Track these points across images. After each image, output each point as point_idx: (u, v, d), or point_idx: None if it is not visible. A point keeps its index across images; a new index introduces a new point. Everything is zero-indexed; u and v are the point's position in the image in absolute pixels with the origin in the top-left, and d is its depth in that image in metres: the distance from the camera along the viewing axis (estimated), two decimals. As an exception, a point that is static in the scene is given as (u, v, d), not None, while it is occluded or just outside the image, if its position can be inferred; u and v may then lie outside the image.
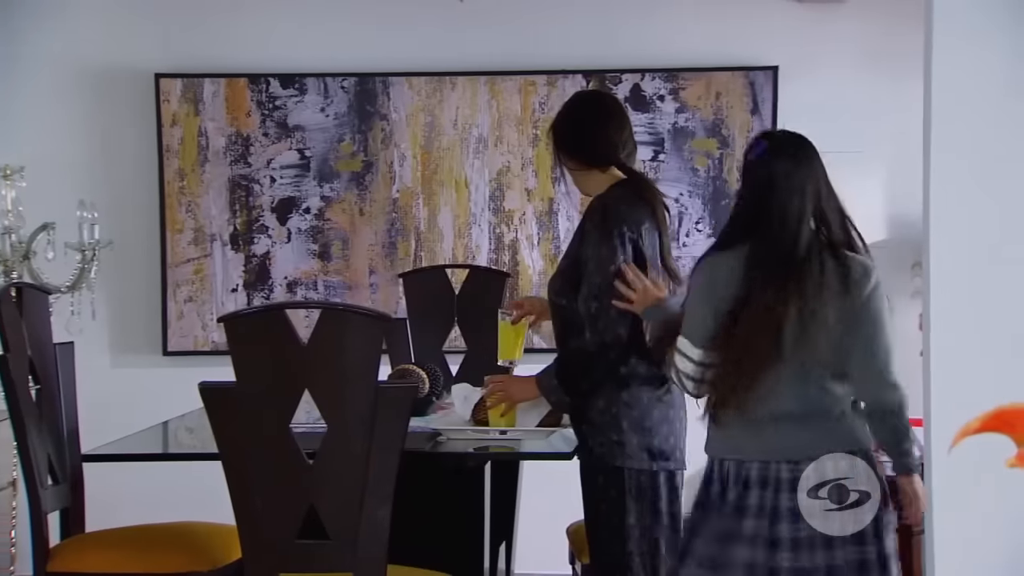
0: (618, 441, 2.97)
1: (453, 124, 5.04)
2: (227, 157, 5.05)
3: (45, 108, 5.06)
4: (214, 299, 5.05)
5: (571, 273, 3.03)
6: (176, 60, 5.05)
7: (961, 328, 2.85)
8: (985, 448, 1.41)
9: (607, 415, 2.98)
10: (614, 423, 2.98)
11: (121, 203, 5.04)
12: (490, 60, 5.03)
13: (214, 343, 5.01)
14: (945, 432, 2.79)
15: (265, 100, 5.04)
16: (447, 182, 5.05)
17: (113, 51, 5.06)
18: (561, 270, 3.13)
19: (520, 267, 5.03)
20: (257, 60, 5.06)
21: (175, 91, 5.04)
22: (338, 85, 5.03)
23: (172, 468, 4.08)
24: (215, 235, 5.06)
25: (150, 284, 5.07)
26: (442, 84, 5.04)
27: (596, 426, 3.00)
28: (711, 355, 2.58)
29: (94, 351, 4.92)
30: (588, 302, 2.95)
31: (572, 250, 3.09)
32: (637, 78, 5.00)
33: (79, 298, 4.56)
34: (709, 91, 4.99)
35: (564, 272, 3.09)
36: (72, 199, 4.58)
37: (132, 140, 5.07)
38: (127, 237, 4.99)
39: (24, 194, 4.59)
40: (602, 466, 2.99)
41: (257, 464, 2.73)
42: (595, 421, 3.00)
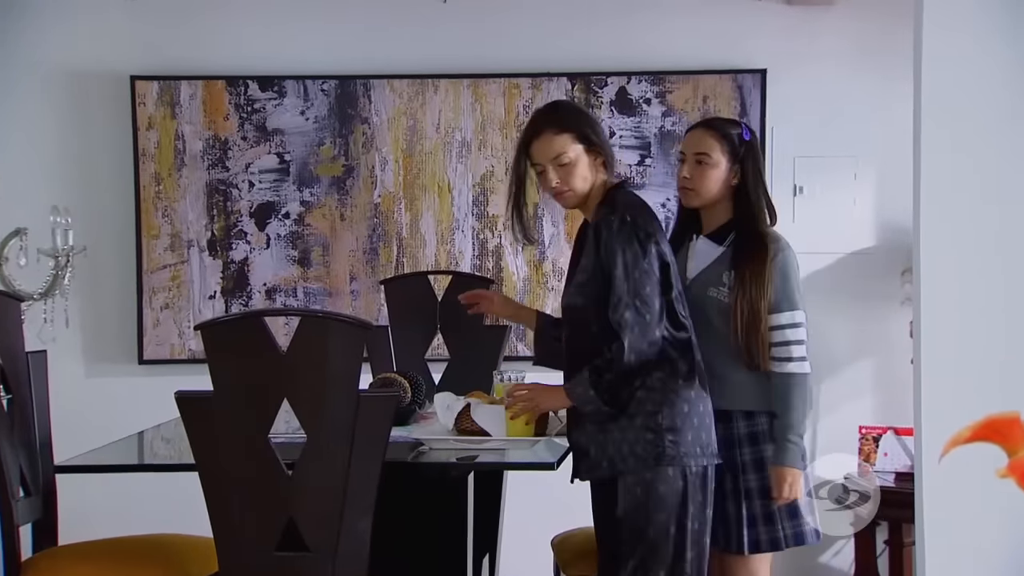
0: (673, 441, 2.94)
1: (436, 127, 5.04)
2: (205, 161, 5.04)
3: (17, 111, 5.04)
4: (191, 306, 5.03)
5: (593, 286, 3.00)
6: (152, 62, 5.04)
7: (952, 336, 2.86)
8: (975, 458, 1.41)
9: (651, 418, 2.96)
10: (662, 424, 2.95)
11: (96, 208, 5.02)
12: (473, 62, 5.04)
13: (191, 351, 5.00)
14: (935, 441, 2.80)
15: (243, 103, 5.04)
16: (430, 187, 5.05)
17: (87, 52, 5.05)
18: (580, 283, 3.05)
19: (504, 273, 5.03)
20: (235, 62, 5.05)
21: (151, 93, 5.02)
22: (318, 88, 5.03)
23: (148, 480, 4.07)
24: (192, 241, 5.05)
25: (125, 291, 5.05)
26: (424, 87, 5.04)
27: (636, 430, 2.97)
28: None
29: (68, 360, 4.91)
30: (621, 311, 2.93)
31: (589, 262, 3.02)
32: (623, 81, 5.01)
33: (52, 305, 4.54)
34: (696, 94, 5.01)
35: (584, 285, 3.03)
36: (45, 204, 4.56)
37: (107, 144, 5.06)
38: (102, 243, 4.98)
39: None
40: (646, 470, 2.95)
41: (235, 475, 2.72)
42: (635, 426, 2.96)
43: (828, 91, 5.01)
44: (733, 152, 3.24)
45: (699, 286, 3.20)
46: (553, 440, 3.25)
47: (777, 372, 3.14)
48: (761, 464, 3.18)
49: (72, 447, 3.38)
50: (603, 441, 3.01)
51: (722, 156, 3.22)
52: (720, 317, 3.16)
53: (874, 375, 5.04)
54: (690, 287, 3.19)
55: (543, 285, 5.03)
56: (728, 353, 3.14)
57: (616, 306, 2.94)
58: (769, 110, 4.97)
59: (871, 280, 5.00)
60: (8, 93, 5.03)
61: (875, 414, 4.96)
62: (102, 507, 4.69)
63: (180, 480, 3.06)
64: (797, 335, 3.16)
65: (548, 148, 3.05)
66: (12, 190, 4.68)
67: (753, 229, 3.22)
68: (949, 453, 1.30)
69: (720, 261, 3.21)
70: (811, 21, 5.02)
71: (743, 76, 4.98)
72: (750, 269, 3.13)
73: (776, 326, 3.15)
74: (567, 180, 3.07)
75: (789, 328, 3.15)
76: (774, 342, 3.15)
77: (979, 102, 2.85)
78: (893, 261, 4.92)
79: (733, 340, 3.13)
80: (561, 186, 3.07)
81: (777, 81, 4.98)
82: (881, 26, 4.93)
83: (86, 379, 5.06)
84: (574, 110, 3.18)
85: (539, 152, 3.07)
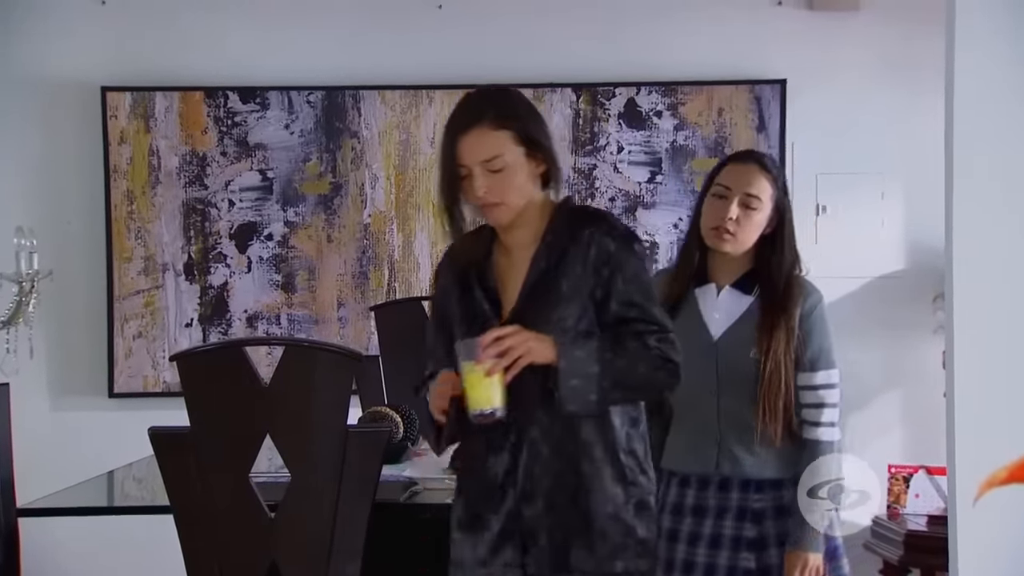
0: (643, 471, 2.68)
1: (431, 141, 5.06)
2: (181, 178, 5.06)
3: (-21, 124, 5.05)
4: (166, 335, 5.04)
5: (583, 302, 2.55)
6: (125, 71, 5.06)
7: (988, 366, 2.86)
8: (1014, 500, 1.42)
9: (640, 443, 2.67)
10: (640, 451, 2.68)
11: (63, 229, 5.03)
12: (471, 71, 5.05)
13: (166, 384, 5.00)
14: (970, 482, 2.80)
15: (223, 116, 5.06)
16: (424, 205, 5.06)
17: (54, 60, 5.07)
18: (566, 298, 2.56)
19: (504, 299, 5.03)
20: (214, 72, 5.07)
21: (123, 105, 5.04)
22: (304, 99, 5.05)
23: (118, 523, 4.06)
24: (167, 264, 5.06)
25: (95, 319, 5.06)
26: (418, 98, 5.06)
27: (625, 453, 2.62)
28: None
29: (31, 392, 4.91)
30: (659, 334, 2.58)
31: (575, 281, 2.56)
32: (632, 92, 5.03)
33: (15, 334, 4.53)
34: (711, 106, 5.02)
35: (572, 300, 2.56)
36: (8, 225, 4.56)
37: (75, 160, 5.07)
38: (69, 267, 4.98)
39: (-45, 219, 4.59)
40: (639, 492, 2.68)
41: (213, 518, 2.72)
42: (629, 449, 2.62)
43: (853, 103, 5.03)
44: (779, 197, 3.04)
45: (734, 345, 2.99)
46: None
47: (807, 438, 2.98)
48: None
49: (36, 487, 3.37)
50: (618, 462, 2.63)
51: (770, 201, 3.02)
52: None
53: (904, 409, 5.04)
54: (719, 345, 3.00)
55: (546, 312, 5.03)
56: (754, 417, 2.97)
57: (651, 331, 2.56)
58: (789, 123, 4.99)
59: (900, 306, 5.00)
60: (-30, 105, 5.04)
61: (905, 452, 4.96)
62: (69, 553, 4.68)
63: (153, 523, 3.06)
64: (832, 397, 3.02)
65: (479, 146, 2.52)
66: (-27, 209, 4.70)
67: (786, 276, 3.02)
68: (985, 495, 1.30)
69: (752, 315, 3.00)
70: (835, 28, 5.04)
71: (761, 87, 5.00)
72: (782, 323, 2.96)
73: (810, 386, 3.00)
74: (498, 190, 2.53)
75: (825, 389, 3.01)
76: (806, 403, 2.99)
77: (1015, 117, 2.85)
78: (924, 286, 4.93)
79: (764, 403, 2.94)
80: (489, 196, 2.53)
81: (798, 92, 5.00)
82: (909, 33, 4.95)
83: (52, 413, 5.06)
84: (519, 101, 2.62)
85: (467, 150, 2.53)
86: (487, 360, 2.41)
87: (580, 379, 2.47)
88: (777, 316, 2.96)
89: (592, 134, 5.04)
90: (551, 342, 2.47)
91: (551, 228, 2.60)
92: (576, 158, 5.04)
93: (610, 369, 2.49)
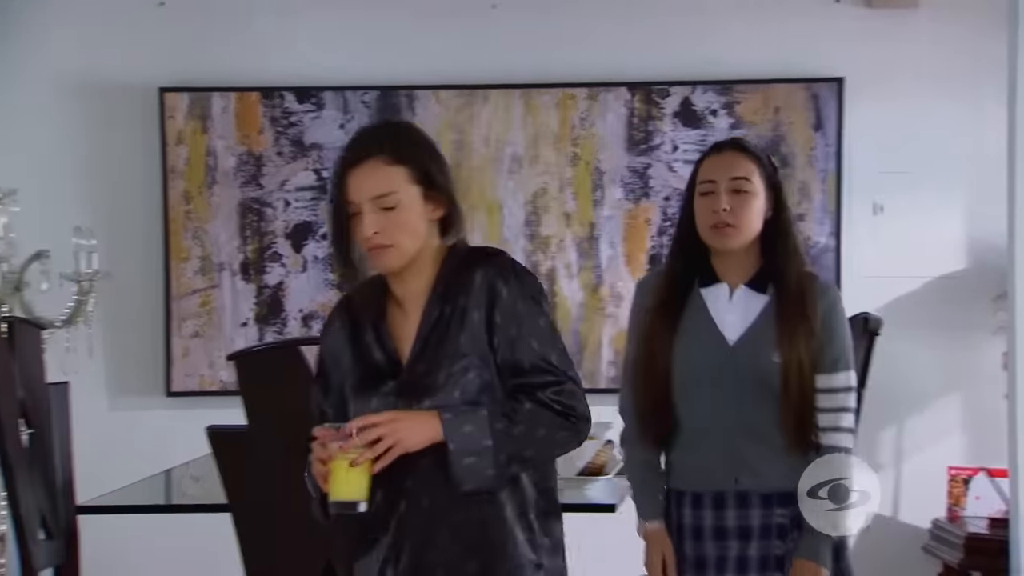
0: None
1: (484, 141, 5.06)
2: (237, 179, 5.09)
3: (40, 125, 5.11)
4: (222, 334, 5.07)
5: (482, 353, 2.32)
6: (182, 73, 5.10)
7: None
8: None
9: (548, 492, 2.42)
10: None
11: (121, 229, 5.08)
12: (525, 71, 5.05)
13: (222, 383, 5.04)
14: (1034, 484, 2.77)
15: (279, 116, 5.08)
16: (478, 205, 5.07)
17: (114, 63, 5.11)
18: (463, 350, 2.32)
19: (558, 299, 5.03)
20: (271, 72, 5.10)
21: (181, 106, 5.09)
22: (359, 99, 5.07)
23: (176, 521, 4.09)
24: (224, 264, 5.10)
25: (152, 318, 5.10)
26: (473, 98, 5.06)
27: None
28: None
29: (91, 392, 4.95)
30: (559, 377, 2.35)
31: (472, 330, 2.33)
32: (688, 91, 5.01)
33: (75, 333, 4.59)
34: (767, 105, 4.99)
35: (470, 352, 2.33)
36: (68, 225, 4.62)
37: (134, 160, 5.12)
38: (127, 267, 5.02)
39: (16, 220, 4.64)
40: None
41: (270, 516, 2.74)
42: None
43: (912, 101, 4.98)
44: (770, 178, 2.83)
45: (753, 348, 2.77)
46: (611, 480, 3.24)
47: (826, 444, 2.77)
48: None
49: (95, 486, 3.41)
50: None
51: (761, 183, 2.80)
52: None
53: (964, 411, 4.98)
54: (737, 349, 2.78)
55: (600, 311, 5.02)
56: (777, 425, 2.77)
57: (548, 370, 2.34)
58: (847, 122, 4.95)
59: (960, 306, 4.95)
60: (30, 106, 5.10)
61: (965, 454, 4.90)
62: (127, 551, 4.73)
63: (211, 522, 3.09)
64: (850, 402, 2.81)
65: (370, 182, 2.31)
66: (34, 210, 4.74)
67: (798, 272, 2.81)
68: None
69: (770, 316, 2.79)
70: (894, 25, 4.99)
71: (818, 85, 4.96)
72: (802, 323, 2.76)
73: (830, 388, 2.78)
74: (389, 231, 2.31)
75: (844, 392, 2.79)
76: (825, 407, 2.78)
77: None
78: (985, 285, 4.87)
79: (786, 410, 2.75)
80: (379, 238, 2.31)
81: (856, 90, 4.95)
82: (970, 29, 4.89)
83: (110, 412, 5.10)
84: (419, 137, 2.42)
85: (357, 186, 2.31)
86: (352, 449, 2.19)
87: (473, 456, 2.24)
88: (798, 315, 2.76)
89: (646, 133, 5.02)
90: (433, 421, 2.24)
91: (442, 276, 2.38)
92: (630, 157, 5.03)
93: (504, 440, 2.25)
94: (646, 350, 2.80)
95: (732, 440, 2.75)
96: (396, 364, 2.35)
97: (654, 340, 2.79)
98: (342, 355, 2.40)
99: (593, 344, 5.03)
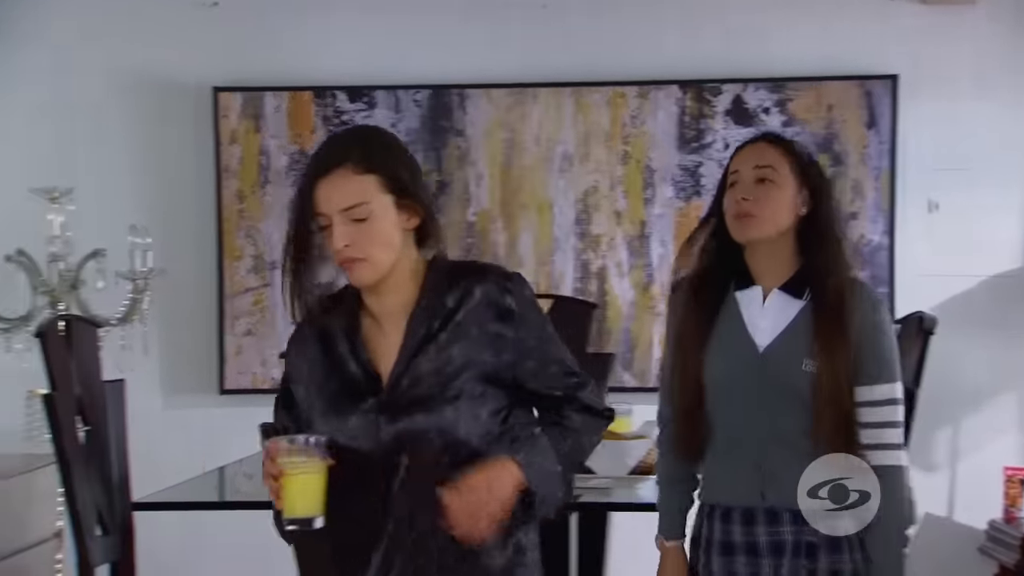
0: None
1: (535, 140, 5.07)
2: (290, 177, 5.12)
3: (95, 125, 5.16)
4: (275, 332, 5.10)
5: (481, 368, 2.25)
6: (235, 72, 5.14)
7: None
8: None
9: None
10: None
11: (175, 228, 5.12)
12: (576, 69, 5.05)
13: (275, 380, 5.07)
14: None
15: (331, 115, 5.11)
16: (528, 204, 5.07)
17: (169, 63, 5.16)
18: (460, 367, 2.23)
19: (608, 298, 5.02)
20: (323, 72, 5.13)
21: (234, 106, 5.13)
22: (410, 98, 5.09)
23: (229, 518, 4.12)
24: (276, 263, 5.12)
25: (206, 316, 5.14)
26: (523, 96, 5.07)
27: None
28: None
29: (145, 389, 4.99)
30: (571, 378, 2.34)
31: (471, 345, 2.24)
32: (739, 89, 4.99)
33: (130, 331, 4.65)
34: (820, 103, 4.96)
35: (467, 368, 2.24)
36: (123, 224, 4.67)
37: (188, 159, 5.17)
38: (181, 265, 5.07)
39: (73, 218, 4.70)
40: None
41: (322, 514, 2.75)
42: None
43: (968, 97, 4.93)
44: (802, 172, 2.66)
45: (784, 356, 2.61)
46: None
47: (872, 465, 2.58)
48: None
49: (150, 483, 3.44)
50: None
51: (790, 175, 2.64)
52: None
53: (1020, 411, 4.93)
54: (768, 357, 2.61)
55: (651, 310, 5.01)
56: (809, 439, 2.59)
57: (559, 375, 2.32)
58: (901, 119, 4.91)
59: (1016, 305, 4.90)
60: (86, 106, 5.16)
61: (1022, 454, 4.86)
62: (181, 547, 4.78)
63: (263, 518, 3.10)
64: (896, 415, 2.61)
65: (340, 191, 2.19)
66: (90, 208, 4.80)
67: (838, 276, 2.63)
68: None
69: (806, 322, 2.62)
70: (949, 22, 4.94)
71: (872, 82, 4.93)
72: (838, 331, 2.58)
73: (871, 401, 2.59)
74: (361, 243, 2.20)
75: (887, 405, 2.60)
76: (865, 422, 2.59)
77: None
78: (1042, 285, 4.83)
79: (818, 422, 2.57)
80: (351, 250, 2.20)
81: (910, 88, 4.91)
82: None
83: (164, 410, 5.15)
84: (391, 143, 2.30)
85: (327, 196, 2.20)
86: (304, 463, 2.12)
87: (549, 486, 2.23)
88: (834, 322, 2.58)
89: (698, 131, 5.00)
90: (510, 467, 2.17)
91: (426, 289, 2.26)
92: (681, 155, 5.01)
93: (567, 460, 2.27)
94: (678, 355, 2.69)
95: (764, 452, 2.59)
96: (374, 380, 2.24)
97: (685, 345, 2.67)
98: (312, 368, 2.30)
99: (644, 343, 5.03)
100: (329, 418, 2.24)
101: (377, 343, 2.27)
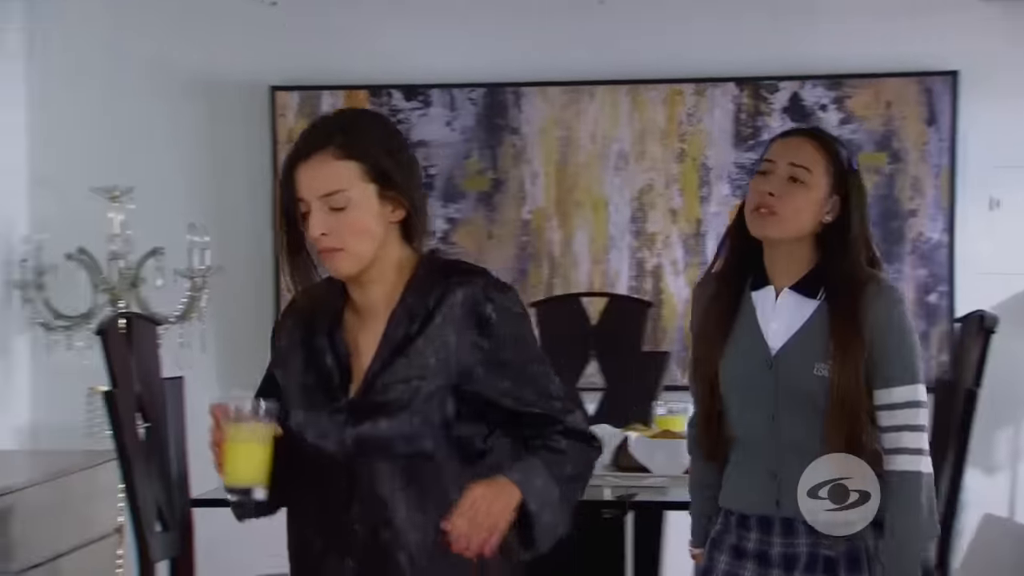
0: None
1: (591, 138, 5.06)
2: (345, 176, 5.14)
3: (154, 124, 5.21)
4: (331, 330, 5.12)
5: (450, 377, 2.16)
6: (293, 72, 5.17)
7: None
8: None
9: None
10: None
11: (233, 226, 5.16)
12: (632, 67, 5.04)
13: (330, 378, 5.10)
14: None
15: (387, 114, 5.13)
16: (584, 202, 5.07)
17: (226, 63, 5.20)
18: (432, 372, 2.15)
19: (664, 296, 5.01)
20: (378, 70, 5.15)
21: (292, 105, 5.16)
22: (465, 97, 5.10)
23: (286, 514, 4.16)
24: (332, 260, 5.16)
25: (263, 314, 5.17)
26: (579, 94, 5.06)
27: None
28: None
29: (203, 386, 5.01)
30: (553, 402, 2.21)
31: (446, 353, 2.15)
32: (796, 86, 4.96)
33: (188, 329, 4.69)
34: (878, 100, 4.92)
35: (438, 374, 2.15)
36: (182, 222, 4.72)
37: (245, 158, 5.20)
38: (239, 263, 5.10)
39: (132, 217, 4.75)
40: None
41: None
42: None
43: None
44: (839, 176, 2.53)
45: (795, 359, 2.51)
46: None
47: (886, 469, 2.48)
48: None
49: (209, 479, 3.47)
50: None
51: (824, 177, 2.52)
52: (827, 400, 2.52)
53: (1080, 412, 4.88)
54: (781, 359, 2.52)
55: (707, 309, 4.99)
56: (823, 445, 2.50)
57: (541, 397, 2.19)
58: (961, 116, 4.86)
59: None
60: (145, 106, 5.20)
61: (1084, 455, 4.81)
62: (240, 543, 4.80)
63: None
64: (917, 419, 2.48)
65: (318, 177, 2.12)
66: (149, 207, 4.85)
67: (852, 272, 2.52)
68: None
69: (820, 323, 2.52)
70: (1011, 17, 4.89)
71: (932, 79, 4.88)
72: (852, 330, 2.47)
73: (888, 404, 2.48)
74: (339, 233, 2.12)
75: (906, 408, 2.48)
76: (884, 426, 2.48)
77: None
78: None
79: (831, 427, 2.47)
80: (328, 240, 2.12)
81: (971, 84, 4.86)
82: (1090, 20, 4.78)
83: (222, 407, 5.18)
84: (379, 128, 2.20)
85: (305, 181, 2.13)
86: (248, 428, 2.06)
87: (550, 511, 2.14)
88: (848, 321, 2.47)
89: (754, 129, 4.98)
90: (507, 487, 2.09)
91: (411, 287, 2.17)
92: (737, 153, 4.99)
93: (566, 486, 2.16)
94: (696, 357, 2.62)
95: (780, 460, 2.51)
96: (347, 373, 2.17)
97: (701, 347, 2.60)
98: (292, 355, 2.24)
99: (700, 341, 5.01)
100: (305, 414, 2.18)
101: (357, 337, 2.21)
